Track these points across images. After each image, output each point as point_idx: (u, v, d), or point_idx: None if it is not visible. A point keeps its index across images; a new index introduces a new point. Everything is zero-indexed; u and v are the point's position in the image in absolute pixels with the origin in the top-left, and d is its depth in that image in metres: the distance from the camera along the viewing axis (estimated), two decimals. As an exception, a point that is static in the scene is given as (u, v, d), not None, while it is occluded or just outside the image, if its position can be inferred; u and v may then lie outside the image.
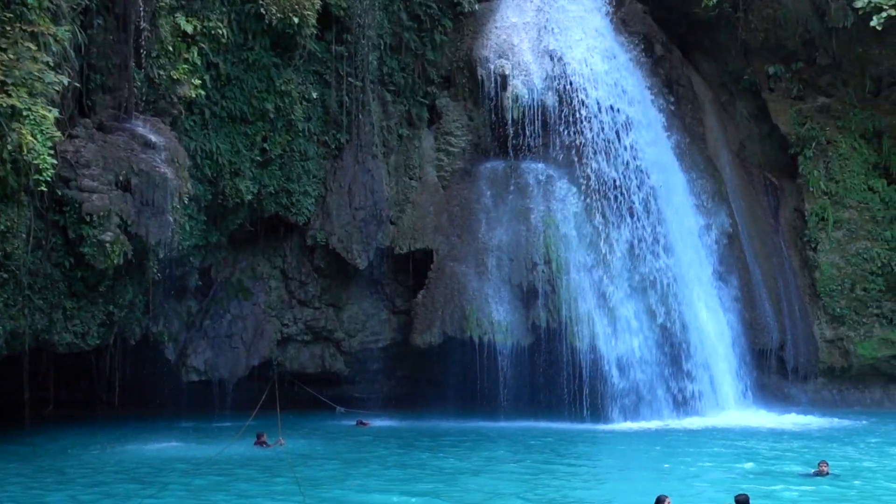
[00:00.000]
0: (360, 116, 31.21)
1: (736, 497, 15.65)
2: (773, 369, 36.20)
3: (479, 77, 32.91)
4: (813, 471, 20.37)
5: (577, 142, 32.30)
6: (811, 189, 36.09)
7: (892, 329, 35.44)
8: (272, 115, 28.30)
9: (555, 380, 31.50)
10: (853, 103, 36.38)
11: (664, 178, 33.68)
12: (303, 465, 21.38)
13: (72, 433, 27.49)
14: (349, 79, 30.59)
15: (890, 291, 35.42)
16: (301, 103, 29.07)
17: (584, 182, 32.11)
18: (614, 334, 31.27)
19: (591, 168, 32.10)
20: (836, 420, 31.09)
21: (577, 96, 32.51)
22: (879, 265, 35.47)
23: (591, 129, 32.29)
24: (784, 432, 28.37)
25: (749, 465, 21.88)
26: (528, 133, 32.62)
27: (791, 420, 31.34)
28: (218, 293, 31.16)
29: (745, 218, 36.20)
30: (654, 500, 15.42)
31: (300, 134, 29.40)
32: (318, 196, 30.86)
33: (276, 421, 26.55)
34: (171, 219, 23.48)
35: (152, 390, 31.03)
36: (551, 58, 33.01)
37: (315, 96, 29.72)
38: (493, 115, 33.14)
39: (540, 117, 32.54)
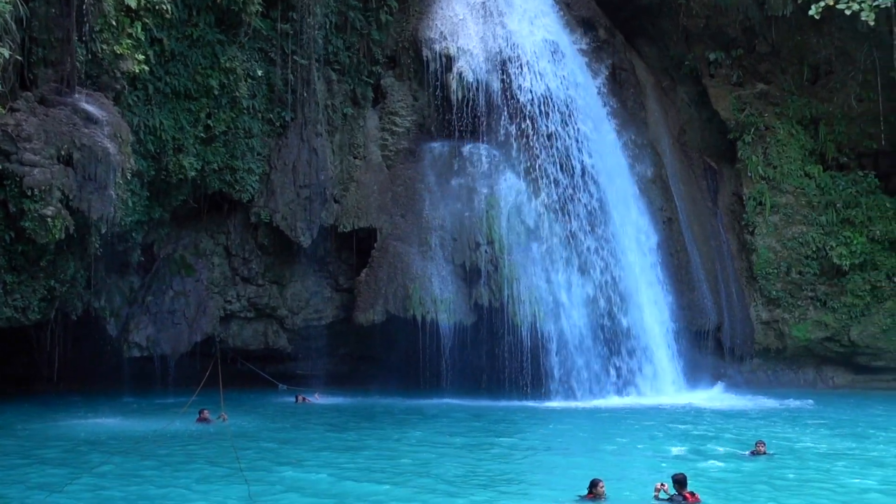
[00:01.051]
0: (305, 95, 31.18)
1: (673, 476, 15.78)
2: (710, 350, 36.87)
3: (424, 58, 33.09)
4: (750, 451, 20.57)
5: (521, 124, 32.70)
6: (749, 174, 36.82)
7: (825, 312, 36.30)
8: (216, 92, 28.13)
9: (497, 358, 32.03)
10: (791, 90, 37.20)
11: (606, 161, 34.17)
12: (244, 443, 21.46)
13: (11, 409, 27.34)
14: (294, 57, 30.53)
15: (824, 275, 36.29)
16: (246, 80, 28.93)
17: (527, 164, 32.53)
18: (555, 314, 31.78)
19: (534, 150, 32.50)
20: (772, 400, 31.61)
21: (521, 79, 32.89)
22: (814, 249, 36.30)
23: (534, 112, 32.66)
24: (720, 412, 28.86)
25: (686, 445, 22.15)
26: (472, 114, 32.93)
27: (727, 400, 31.94)
28: (160, 269, 31.08)
29: (684, 201, 36.82)
30: (588, 483, 15.63)
31: (245, 111, 29.25)
32: (263, 173, 30.79)
33: (219, 397, 26.65)
34: (113, 194, 23.28)
35: (93, 366, 31.06)
36: (496, 40, 33.29)
37: (260, 74, 29.61)
38: (437, 96, 33.31)
39: (484, 99, 32.83)
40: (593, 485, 15.64)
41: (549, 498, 16.25)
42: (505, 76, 33.00)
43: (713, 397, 32.64)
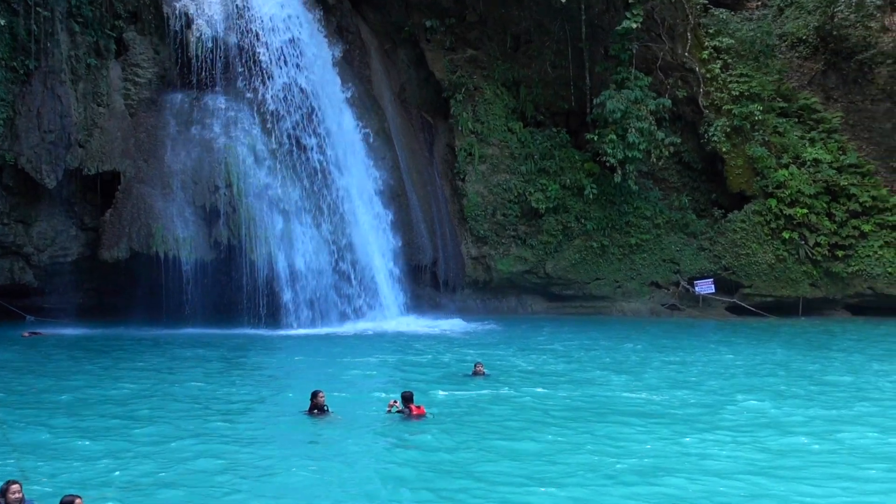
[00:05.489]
0: (49, 45, 31.95)
1: (402, 393, 17.08)
2: (428, 282, 40.76)
3: (165, 15, 34.43)
4: (470, 372, 22.29)
5: (257, 78, 35.00)
6: (461, 128, 40.92)
7: (525, 248, 41.09)
8: (-41, 39, 28.54)
9: (235, 291, 34.11)
10: (496, 56, 41.77)
11: (335, 113, 37.03)
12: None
13: None
14: (37, 9, 31.27)
15: (524, 217, 41.09)
16: (-12, 29, 29.30)
17: (263, 114, 34.90)
18: (289, 250, 34.41)
19: (269, 102, 34.97)
20: (482, 326, 35.18)
21: (256, 37, 35.12)
22: (516, 194, 41.04)
23: (268, 68, 35.06)
24: (439, 337, 31.68)
25: (412, 367, 23.95)
26: (211, 69, 34.79)
27: (445, 326, 35.10)
28: None
29: (404, 152, 40.18)
30: (310, 395, 16.94)
31: (-13, 59, 29.64)
32: (7, 118, 31.29)
33: (-34, 331, 27.60)
34: None
35: None
36: (233, 0, 35.34)
37: (3, 23, 30.10)
38: (178, 51, 34.79)
39: (222, 55, 34.81)
40: (313, 395, 16.85)
41: (283, 416, 17.34)
42: (241, 34, 35.05)
43: (432, 324, 35.70)
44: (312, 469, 13.77)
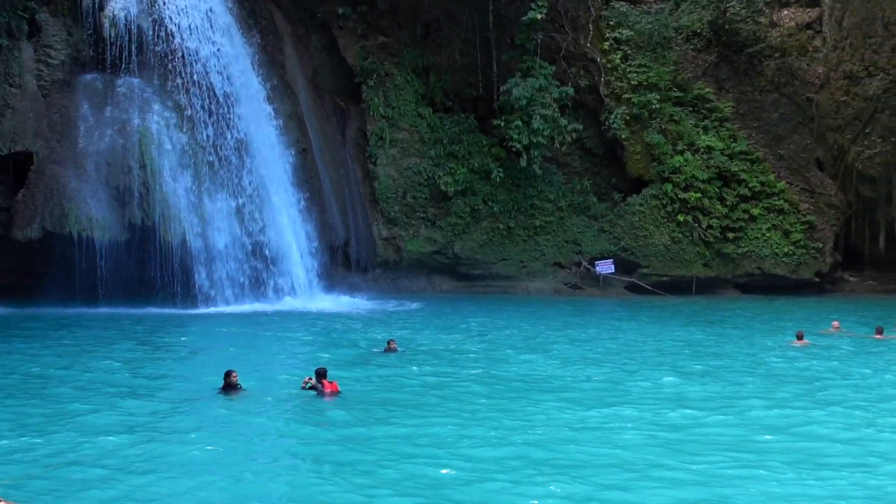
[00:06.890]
0: None
1: (316, 370, 17.22)
2: (340, 262, 41.75)
3: None
4: (384, 348, 22.79)
5: (171, 61, 35.29)
6: (372, 113, 41.85)
7: (434, 230, 42.40)
8: None
9: (150, 271, 34.32)
10: (407, 43, 42.87)
11: (249, 98, 37.53)
12: None
13: None
14: None
15: (433, 199, 42.38)
16: None
17: (177, 97, 35.24)
18: (203, 231, 34.86)
19: (184, 85, 35.28)
20: (393, 304, 36.02)
21: (170, 22, 35.38)
22: (426, 178, 42.27)
23: (182, 52, 35.39)
24: (352, 315, 32.24)
25: (328, 343, 24.39)
26: (125, 51, 34.94)
27: (356, 305, 35.94)
28: None
29: (317, 135, 40.95)
30: (223, 375, 17.16)
31: None
32: None
33: None
34: None
35: None
36: None
37: None
38: (92, 33, 34.83)
39: (136, 38, 34.97)
40: (226, 375, 17.01)
41: (196, 395, 17.23)
42: (155, 18, 35.32)
43: (343, 303, 36.60)
44: (222, 447, 13.70)
